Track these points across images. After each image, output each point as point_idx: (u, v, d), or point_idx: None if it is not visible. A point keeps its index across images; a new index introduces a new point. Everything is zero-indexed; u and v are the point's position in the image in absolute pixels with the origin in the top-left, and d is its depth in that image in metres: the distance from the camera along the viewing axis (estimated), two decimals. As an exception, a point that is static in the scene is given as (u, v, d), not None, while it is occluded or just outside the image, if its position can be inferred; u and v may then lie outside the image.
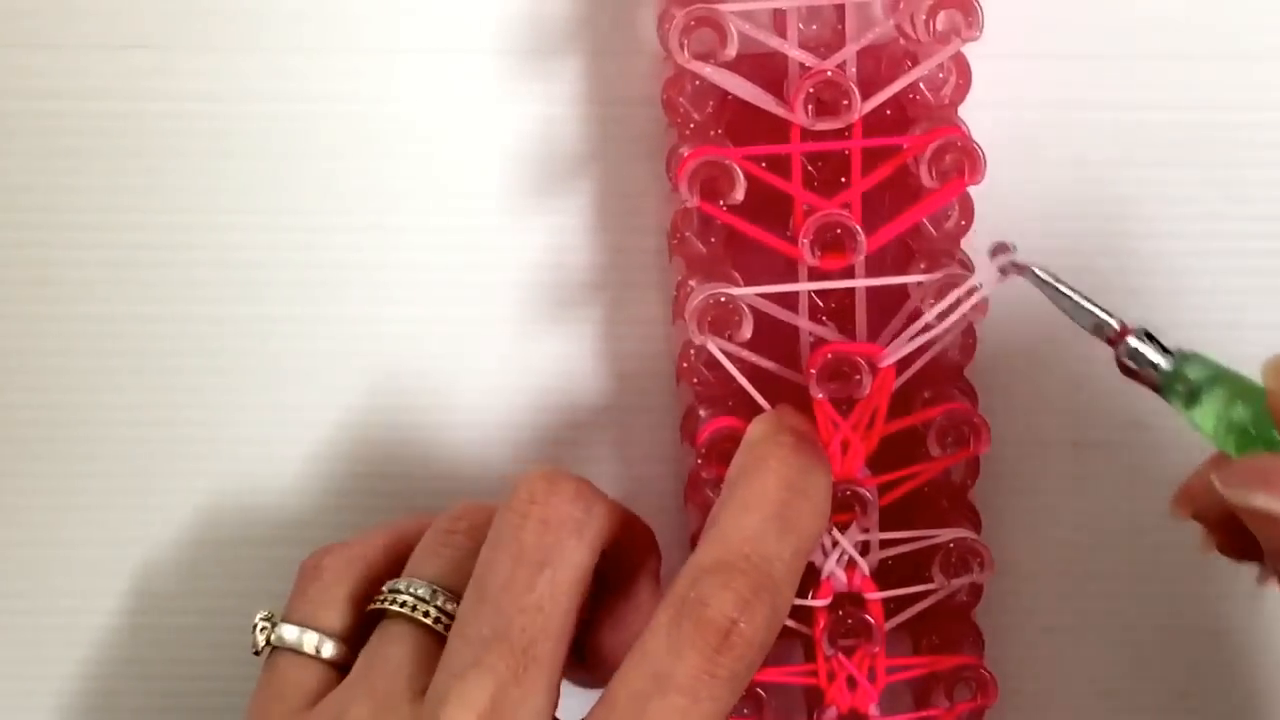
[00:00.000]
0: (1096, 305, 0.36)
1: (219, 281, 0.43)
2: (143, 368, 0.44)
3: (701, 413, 0.41)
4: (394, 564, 0.39)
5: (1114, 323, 0.36)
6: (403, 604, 0.37)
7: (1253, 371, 0.35)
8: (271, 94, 0.41)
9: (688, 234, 0.40)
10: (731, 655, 0.34)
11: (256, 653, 0.39)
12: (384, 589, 0.38)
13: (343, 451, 0.44)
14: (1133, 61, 0.41)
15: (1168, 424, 0.43)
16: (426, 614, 0.37)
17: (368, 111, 0.42)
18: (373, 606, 0.38)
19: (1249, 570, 0.37)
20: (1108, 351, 0.42)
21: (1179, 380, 0.35)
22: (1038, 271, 0.36)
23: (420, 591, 0.37)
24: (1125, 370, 0.36)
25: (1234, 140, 0.42)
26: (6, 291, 0.43)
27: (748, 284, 0.39)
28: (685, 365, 0.41)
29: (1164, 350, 0.35)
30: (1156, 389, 0.35)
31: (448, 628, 0.37)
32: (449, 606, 0.37)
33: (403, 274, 0.43)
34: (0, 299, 0.43)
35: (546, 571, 0.36)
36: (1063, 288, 0.36)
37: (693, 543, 0.42)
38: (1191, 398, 0.35)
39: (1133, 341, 0.35)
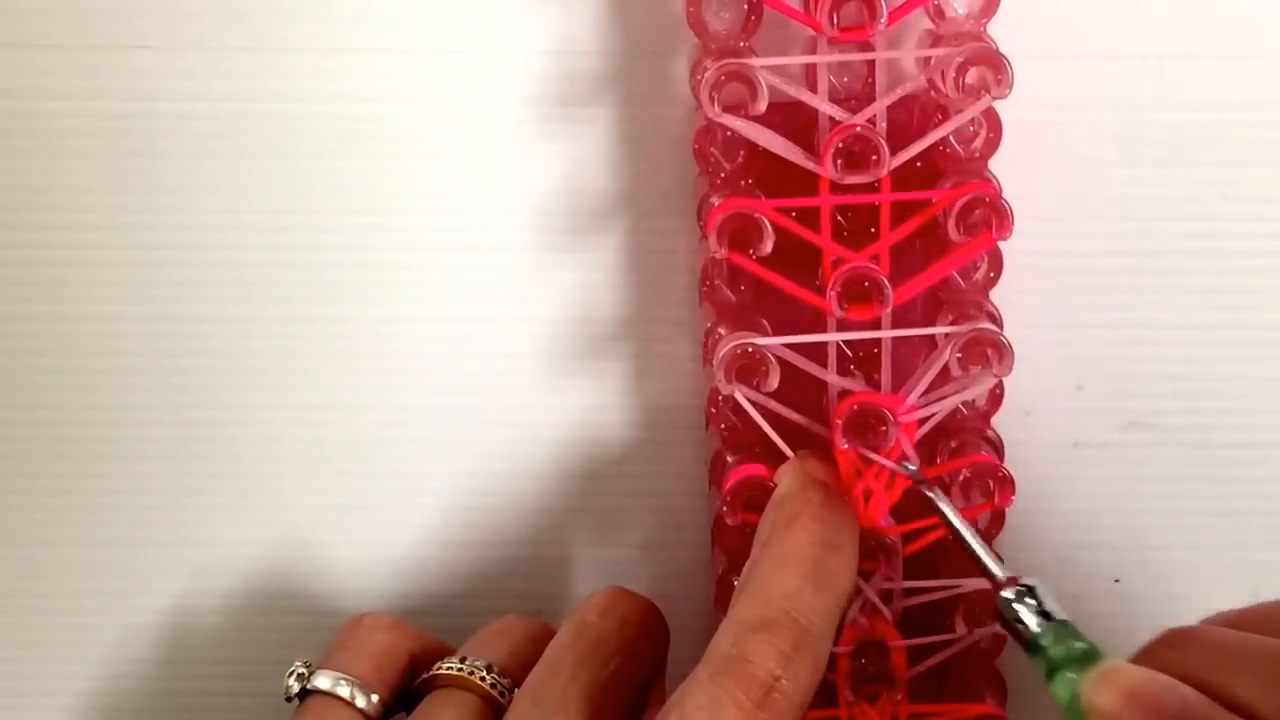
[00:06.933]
0: (989, 554, 0.36)
1: (221, 281, 0.43)
2: (145, 368, 0.44)
3: (729, 458, 0.41)
4: (432, 658, 0.40)
5: (1000, 574, 0.36)
6: (459, 670, 0.38)
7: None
8: (270, 95, 0.41)
9: (717, 282, 0.40)
10: (774, 711, 0.34)
11: (288, 699, 0.39)
12: (438, 664, 0.38)
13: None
14: (1133, 61, 0.41)
15: (1168, 424, 0.43)
16: (483, 679, 0.38)
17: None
18: (426, 675, 0.39)
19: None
20: (1106, 352, 0.42)
21: (1039, 650, 0.34)
22: (943, 507, 0.37)
23: (479, 663, 0.38)
24: (1001, 620, 0.35)
25: (1234, 140, 0.42)
26: (6, 291, 0.43)
27: (776, 332, 0.39)
28: (714, 410, 0.41)
29: (1043, 613, 0.35)
30: (1026, 648, 0.35)
31: (503, 694, 0.37)
32: (505, 680, 0.38)
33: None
34: (-1, 298, 0.44)
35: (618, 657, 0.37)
36: (962, 529, 0.37)
37: (718, 584, 0.42)
38: (1051, 670, 0.34)
39: (1007, 594, 0.35)
